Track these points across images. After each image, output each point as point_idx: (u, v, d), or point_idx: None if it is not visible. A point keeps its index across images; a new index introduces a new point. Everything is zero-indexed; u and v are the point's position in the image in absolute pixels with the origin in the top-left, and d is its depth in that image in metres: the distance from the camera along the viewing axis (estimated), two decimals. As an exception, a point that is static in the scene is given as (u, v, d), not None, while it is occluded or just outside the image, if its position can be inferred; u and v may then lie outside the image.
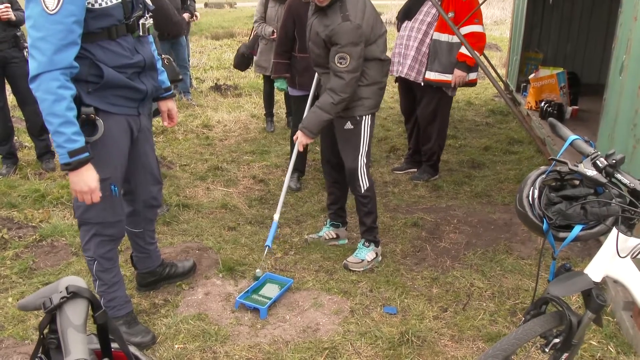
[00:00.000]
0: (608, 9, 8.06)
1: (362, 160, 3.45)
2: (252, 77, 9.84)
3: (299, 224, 4.20)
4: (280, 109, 7.61)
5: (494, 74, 8.06)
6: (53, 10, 2.14)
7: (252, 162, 5.61)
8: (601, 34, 8.27)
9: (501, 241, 3.89)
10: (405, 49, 4.77)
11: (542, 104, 6.40)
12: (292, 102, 4.86)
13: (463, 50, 4.54)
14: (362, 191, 3.49)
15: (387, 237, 3.95)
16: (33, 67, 2.17)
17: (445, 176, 5.19)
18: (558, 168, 1.96)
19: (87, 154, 2.29)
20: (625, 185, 1.83)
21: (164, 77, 2.90)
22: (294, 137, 3.43)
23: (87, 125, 2.38)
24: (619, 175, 1.85)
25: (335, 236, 3.89)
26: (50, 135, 2.40)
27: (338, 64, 3.16)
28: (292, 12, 4.47)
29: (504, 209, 4.47)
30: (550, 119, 2.14)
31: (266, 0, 6.19)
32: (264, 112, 6.99)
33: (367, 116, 3.39)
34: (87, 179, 2.33)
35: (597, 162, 1.87)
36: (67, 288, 1.30)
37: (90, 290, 1.33)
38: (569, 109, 6.44)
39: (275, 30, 5.83)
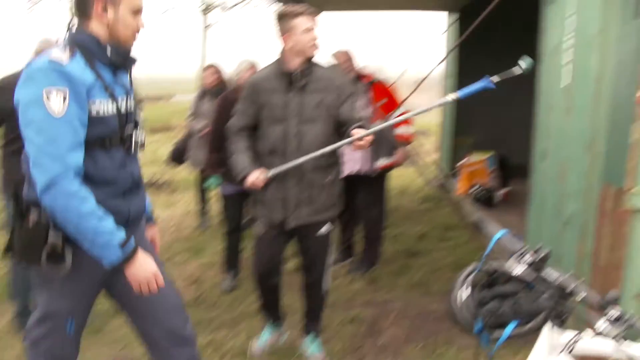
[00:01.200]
0: (529, 91, 8.41)
1: (329, 264, 3.40)
2: (186, 172, 9.75)
3: (236, 326, 4.03)
4: (215, 204, 7.52)
5: (426, 160, 8.24)
6: (60, 112, 1.97)
7: (186, 261, 5.44)
8: (526, 116, 8.62)
9: (441, 332, 3.82)
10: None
11: (474, 188, 6.55)
12: (226, 201, 4.80)
13: (399, 131, 4.74)
14: (325, 290, 3.44)
15: (326, 336, 3.83)
16: (44, 178, 1.97)
17: (382, 267, 5.14)
18: (487, 266, 1.93)
19: (132, 238, 2.12)
20: (553, 280, 1.82)
21: (148, 201, 2.56)
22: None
23: (51, 257, 2.08)
24: (547, 270, 1.83)
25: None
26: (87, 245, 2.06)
27: (358, 109, 3.26)
28: (227, 106, 4.47)
29: (441, 298, 4.43)
30: (476, 216, 2.15)
31: (201, 95, 6.23)
32: (199, 208, 6.88)
33: None
34: (146, 264, 2.15)
35: (525, 258, 1.85)
36: None
37: None
38: (499, 192, 6.60)
39: (207, 125, 5.83)
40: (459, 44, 6.46)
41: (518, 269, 1.84)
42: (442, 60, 6.31)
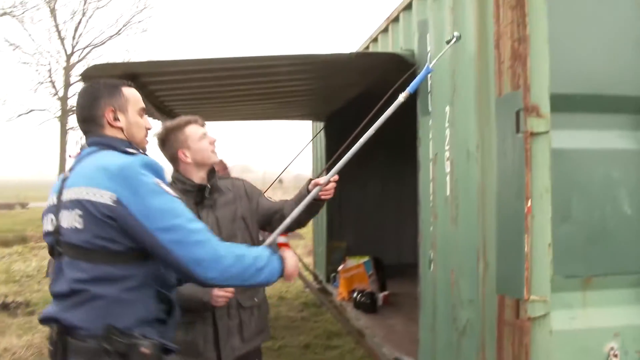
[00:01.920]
0: (398, 194, 8.71)
1: None
2: (46, 289, 8.92)
3: None
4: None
5: (300, 265, 8.17)
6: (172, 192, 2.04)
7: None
8: (392, 217, 8.89)
9: None
10: None
11: (354, 294, 6.51)
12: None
13: (281, 239, 4.68)
14: None
15: None
16: (208, 248, 1.97)
17: (271, 385, 4.88)
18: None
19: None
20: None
21: None
22: None
23: None
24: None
25: None
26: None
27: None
28: None
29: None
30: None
31: None
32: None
33: None
34: (291, 257, 2.25)
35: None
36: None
37: None
38: (380, 295, 6.61)
39: None
40: (304, 149, 6.75)
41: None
42: (291, 162, 6.62)
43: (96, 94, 2.15)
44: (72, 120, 26.46)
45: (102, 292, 1.93)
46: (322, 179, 2.73)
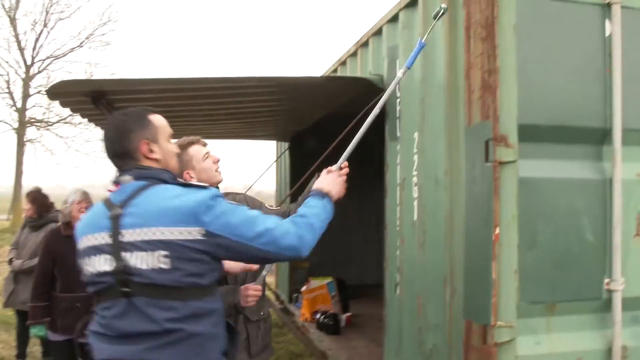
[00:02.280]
0: (360, 210, 8.74)
1: None
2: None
3: None
4: (35, 345, 6.70)
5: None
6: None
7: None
8: (356, 238, 8.92)
9: None
10: None
11: (317, 315, 6.50)
12: (52, 349, 4.29)
13: None
14: None
15: None
16: (292, 233, 2.08)
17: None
18: None
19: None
20: None
21: None
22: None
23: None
24: None
25: None
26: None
27: None
28: (50, 250, 4.10)
29: None
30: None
31: (23, 224, 5.75)
32: (16, 352, 6.06)
33: None
34: (336, 176, 2.48)
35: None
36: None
37: None
38: (343, 317, 6.61)
39: (23, 262, 5.40)
40: (268, 168, 6.77)
41: None
42: (256, 181, 6.66)
43: (126, 127, 2.14)
44: (31, 132, 25.88)
45: (197, 329, 1.98)
46: (333, 167, 2.64)
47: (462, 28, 2.99)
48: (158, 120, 2.21)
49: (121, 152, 2.14)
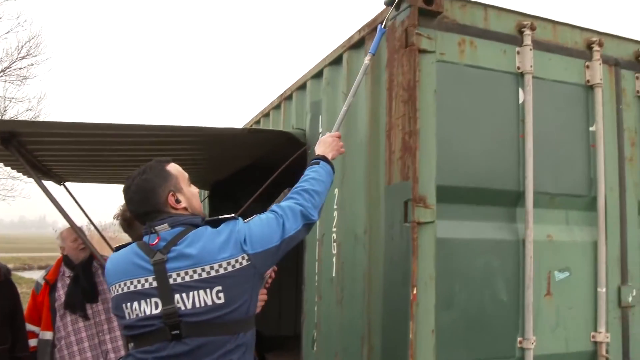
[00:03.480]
0: (279, 269, 8.66)
1: None
2: None
3: None
4: None
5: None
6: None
7: None
8: (272, 289, 8.78)
9: None
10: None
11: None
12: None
13: None
14: None
15: None
16: (297, 212, 2.34)
17: None
18: None
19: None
20: None
21: None
22: None
23: None
24: None
25: None
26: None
27: None
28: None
29: None
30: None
31: None
32: None
33: None
34: (330, 139, 2.78)
35: None
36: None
37: None
38: (259, 370, 6.46)
39: None
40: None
41: None
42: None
43: (151, 185, 2.25)
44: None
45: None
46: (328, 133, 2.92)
47: (384, 89, 3.05)
48: (176, 169, 2.35)
49: (152, 209, 2.25)
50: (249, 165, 5.58)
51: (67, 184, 5.81)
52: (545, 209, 3.15)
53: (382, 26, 3.00)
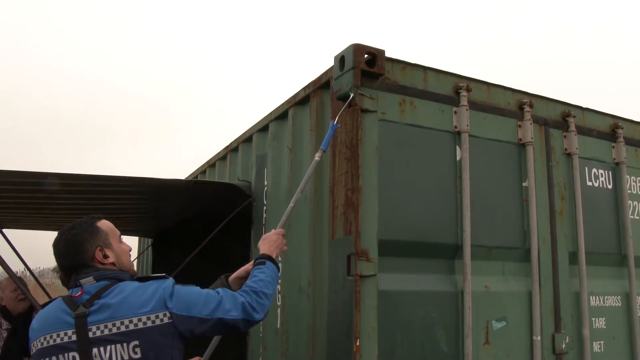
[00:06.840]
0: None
1: None
2: None
3: None
4: None
5: None
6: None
7: None
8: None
9: None
10: None
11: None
12: None
13: None
14: None
15: None
16: (238, 307, 2.26)
17: None
18: None
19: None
20: None
21: None
22: None
23: None
24: None
25: None
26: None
27: None
28: None
29: None
30: None
31: None
32: None
33: None
34: (275, 237, 2.73)
35: None
36: None
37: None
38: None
39: None
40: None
41: None
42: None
43: (79, 239, 2.22)
44: None
45: None
46: (272, 230, 2.84)
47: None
48: (106, 225, 2.31)
49: (78, 264, 2.20)
50: (195, 214, 5.58)
51: (4, 230, 5.67)
52: (482, 261, 3.27)
53: (334, 122, 3.00)
